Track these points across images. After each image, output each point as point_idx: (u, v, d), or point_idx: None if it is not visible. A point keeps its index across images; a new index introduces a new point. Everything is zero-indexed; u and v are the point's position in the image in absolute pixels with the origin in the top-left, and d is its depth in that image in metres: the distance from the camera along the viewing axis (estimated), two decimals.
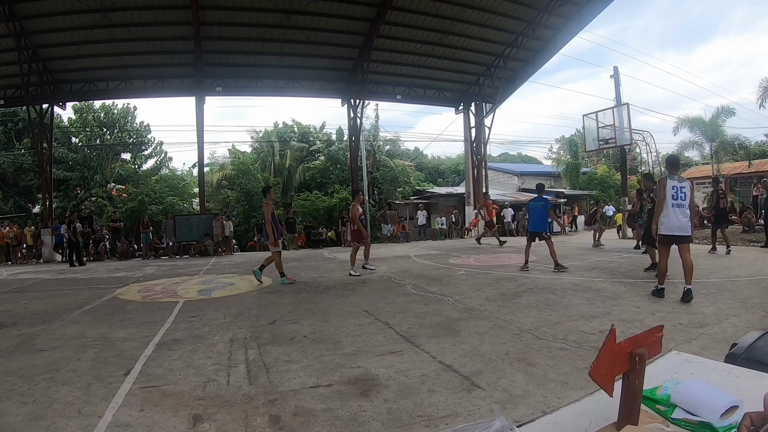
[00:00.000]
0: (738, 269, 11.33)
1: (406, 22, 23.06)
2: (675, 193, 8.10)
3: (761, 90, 32.96)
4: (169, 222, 23.02)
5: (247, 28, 21.50)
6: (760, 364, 2.28)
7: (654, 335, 1.47)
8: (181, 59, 22.77)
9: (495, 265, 13.41)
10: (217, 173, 39.48)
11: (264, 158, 41.62)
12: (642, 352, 1.32)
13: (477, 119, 29.99)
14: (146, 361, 5.34)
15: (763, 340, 2.52)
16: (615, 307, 7.44)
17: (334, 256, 18.58)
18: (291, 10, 20.66)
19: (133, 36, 20.58)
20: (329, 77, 26.45)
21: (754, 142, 43.54)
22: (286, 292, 9.86)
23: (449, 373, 4.66)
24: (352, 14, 22.03)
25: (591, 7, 23.91)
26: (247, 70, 24.68)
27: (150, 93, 24.75)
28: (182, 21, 20.38)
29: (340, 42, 23.75)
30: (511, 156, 68.33)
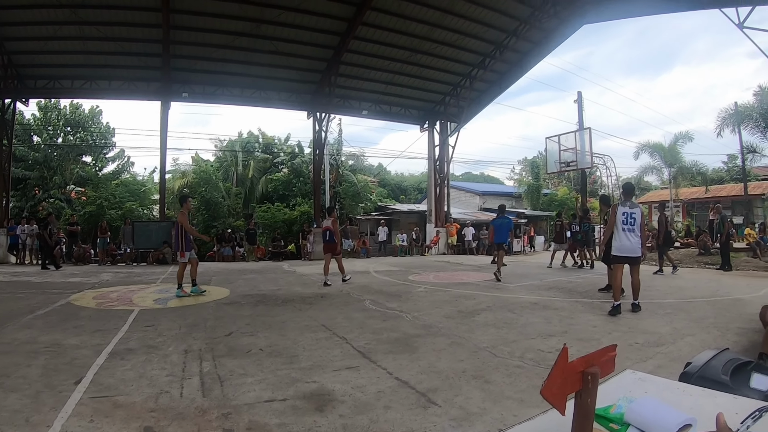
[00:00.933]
0: (694, 290, 11.68)
1: (376, 38, 23.20)
2: (625, 219, 8.82)
3: (719, 119, 33.94)
4: (127, 228, 22.51)
5: (216, 34, 21.30)
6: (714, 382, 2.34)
7: (607, 354, 1.49)
8: (149, 62, 22.41)
9: (454, 283, 13.49)
10: (179, 180, 38.83)
11: (227, 167, 41.23)
12: (594, 371, 1.34)
13: (441, 138, 30.18)
14: (98, 370, 5.20)
15: (717, 360, 2.58)
16: (572, 326, 7.56)
17: (294, 269, 18.43)
18: (262, 20, 20.56)
19: (102, 35, 20.17)
20: (296, 89, 26.36)
21: (711, 169, 44.77)
22: (243, 304, 9.73)
23: (406, 389, 4.65)
24: (323, 27, 22.04)
25: (558, 33, 24.44)
26: (214, 77, 24.43)
27: (115, 95, 24.24)
28: (152, 23, 20.06)
29: (309, 54, 23.71)
30: (473, 175, 68.90)
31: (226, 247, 25.29)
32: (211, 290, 11.72)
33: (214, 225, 32.53)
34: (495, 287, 12.34)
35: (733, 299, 10.30)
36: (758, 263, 18.77)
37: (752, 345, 6.15)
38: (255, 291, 11.76)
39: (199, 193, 34.67)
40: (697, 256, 20.44)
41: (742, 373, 2.50)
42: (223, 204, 35.21)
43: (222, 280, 14.07)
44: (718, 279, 14.53)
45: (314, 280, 14.11)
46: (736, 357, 2.65)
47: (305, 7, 20.30)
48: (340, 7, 21.02)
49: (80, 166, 36.71)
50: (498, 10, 22.42)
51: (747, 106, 32.52)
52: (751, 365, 2.61)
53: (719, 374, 2.44)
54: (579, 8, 22.30)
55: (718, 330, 7.26)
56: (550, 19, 22.96)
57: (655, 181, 48.51)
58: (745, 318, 7.89)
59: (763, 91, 31.54)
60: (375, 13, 21.38)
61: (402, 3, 20.86)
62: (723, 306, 9.38)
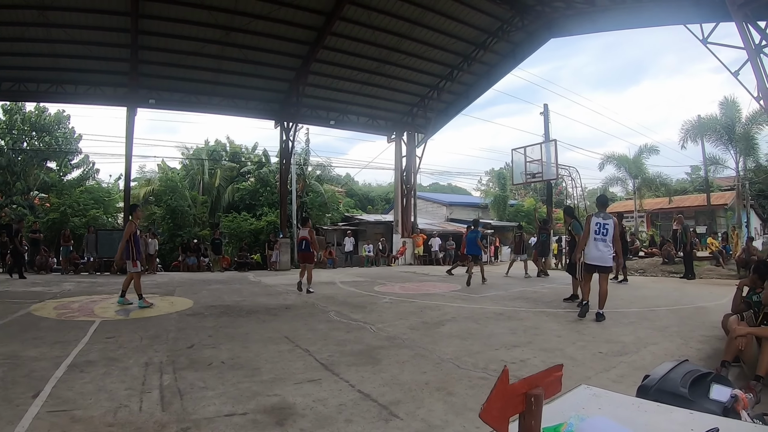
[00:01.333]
0: (657, 299, 11.89)
1: (345, 48, 23.22)
2: (597, 229, 9.19)
3: (683, 131, 34.74)
4: (90, 236, 22.00)
5: (185, 41, 21.07)
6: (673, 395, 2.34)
7: (552, 375, 1.48)
8: (117, 67, 22.04)
9: (420, 294, 13.50)
10: (144, 188, 38.27)
11: (193, 176, 40.77)
12: (538, 393, 1.32)
13: (408, 148, 30.32)
14: (57, 383, 5.08)
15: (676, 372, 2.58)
16: (536, 337, 7.60)
17: (259, 279, 18.28)
18: (231, 27, 20.41)
19: (70, 38, 19.71)
20: (264, 98, 26.25)
21: (675, 180, 45.70)
22: (207, 316, 9.59)
23: (368, 402, 4.62)
24: (292, 36, 21.99)
25: (526, 46, 24.80)
26: (182, 84, 24.18)
27: (81, 99, 23.73)
28: (121, 27, 19.74)
29: (278, 63, 23.62)
30: (441, 186, 69.25)
31: (191, 256, 24.98)
32: (175, 301, 11.58)
33: (179, 234, 32.05)
34: (460, 298, 12.41)
35: (696, 307, 10.52)
36: (721, 271, 19.19)
37: (715, 352, 6.27)
38: (219, 302, 11.61)
39: (165, 201, 34.21)
40: (661, 265, 20.82)
41: (701, 385, 2.51)
42: (189, 213, 34.78)
43: (186, 291, 13.87)
44: (682, 288, 14.83)
45: (279, 291, 14.04)
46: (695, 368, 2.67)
47: (275, 16, 20.26)
48: (310, 17, 21.01)
49: (44, 171, 35.93)
50: (467, 23, 22.65)
51: (710, 118, 33.36)
52: (711, 376, 2.63)
53: (678, 387, 2.44)
54: (546, 22, 22.66)
55: (682, 338, 7.38)
56: (518, 33, 23.27)
57: (620, 192, 49.39)
58: (707, 326, 8.06)
59: (727, 102, 32.34)
60: (344, 23, 21.46)
61: (372, 14, 20.92)
62: (686, 314, 9.57)
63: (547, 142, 25.59)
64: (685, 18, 15.27)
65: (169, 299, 12.10)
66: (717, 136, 32.91)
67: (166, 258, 29.48)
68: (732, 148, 32.88)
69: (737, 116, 31.94)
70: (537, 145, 25.60)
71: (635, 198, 39.86)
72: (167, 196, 34.31)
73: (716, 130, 32.66)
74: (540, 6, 21.48)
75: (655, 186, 40.75)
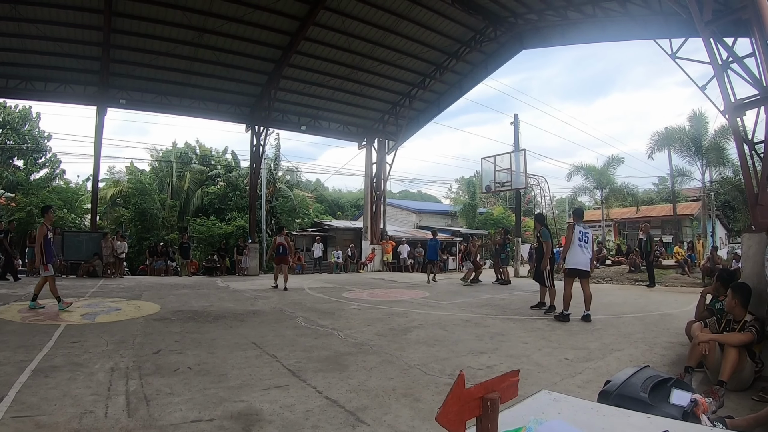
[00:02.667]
0: (623, 306, 12.11)
1: (318, 54, 23.17)
2: (581, 236, 10.02)
3: (651, 142, 35.50)
4: (56, 238, 21.67)
5: (158, 41, 20.82)
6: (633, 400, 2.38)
7: (508, 379, 1.50)
8: (87, 65, 21.63)
9: (388, 300, 13.55)
10: (112, 189, 37.72)
11: (162, 178, 40.36)
12: (494, 397, 1.34)
13: (379, 155, 30.36)
14: (21, 388, 4.99)
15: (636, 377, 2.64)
16: (503, 343, 7.66)
17: (228, 284, 18.16)
18: (204, 29, 20.25)
19: (41, 34, 19.32)
20: (236, 101, 26.04)
21: (642, 190, 46.46)
22: (173, 321, 9.47)
23: (334, 408, 4.63)
24: (266, 40, 21.88)
25: (497, 57, 25.07)
26: (153, 85, 23.89)
27: (51, 97, 23.13)
28: (93, 25, 19.38)
29: (250, 67, 23.50)
30: (411, 193, 69.49)
31: (158, 260, 24.70)
32: (142, 305, 11.43)
33: (147, 237, 31.69)
34: (428, 305, 12.45)
35: (662, 314, 10.72)
36: (686, 279, 19.56)
37: (679, 358, 6.37)
38: (186, 307, 11.48)
39: (134, 203, 33.81)
40: (627, 273, 21.13)
41: (662, 390, 2.57)
42: (158, 216, 34.41)
43: (153, 295, 13.67)
44: (647, 295, 15.10)
45: (247, 297, 13.94)
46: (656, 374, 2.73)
47: (249, 19, 20.15)
48: (284, 21, 20.94)
49: (10, 170, 35.30)
50: (440, 32, 22.77)
51: (676, 129, 34.08)
52: (671, 381, 2.69)
53: (638, 392, 2.50)
54: (518, 34, 22.92)
55: (646, 344, 7.51)
56: (491, 43, 23.48)
57: (588, 202, 50.03)
58: (672, 332, 8.20)
59: (696, 115, 33.07)
60: (318, 29, 21.42)
61: (346, 20, 20.94)
62: (651, 321, 9.76)
63: (517, 151, 25.81)
64: (654, 33, 15.55)
65: (135, 303, 11.93)
66: (684, 148, 33.64)
67: (133, 261, 29.16)
68: (698, 160, 33.59)
69: (704, 129, 32.68)
70: (507, 154, 25.81)
71: (603, 207, 40.48)
72: (135, 198, 33.91)
73: (683, 142, 33.36)
74: (513, 18, 21.69)
75: (622, 196, 41.46)
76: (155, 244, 26.79)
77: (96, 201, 24.54)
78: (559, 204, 55.88)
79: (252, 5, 19.53)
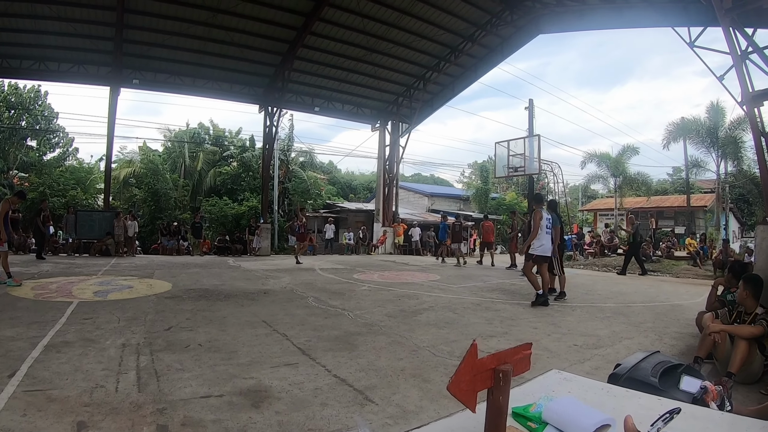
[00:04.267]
0: (634, 295, 12.04)
1: (332, 35, 23.08)
2: (547, 223, 10.16)
3: (667, 132, 35.17)
4: (70, 217, 21.68)
5: (171, 21, 20.77)
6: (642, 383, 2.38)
7: (521, 352, 1.49)
8: (100, 45, 21.62)
9: (398, 282, 13.53)
10: (125, 169, 37.88)
11: (175, 158, 40.45)
12: (506, 369, 1.33)
13: (392, 138, 30.28)
14: (33, 363, 5.04)
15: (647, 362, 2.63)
16: (512, 327, 7.66)
17: (239, 264, 18.23)
18: (218, 9, 20.16)
19: (54, 14, 19.36)
20: (249, 82, 26.04)
21: (657, 180, 46.15)
22: (185, 299, 9.53)
23: (343, 387, 4.65)
24: (280, 21, 21.79)
25: (514, 41, 24.77)
26: (167, 65, 23.92)
27: (65, 78, 23.29)
28: (106, 5, 19.41)
29: (263, 47, 23.45)
30: (423, 177, 69.18)
31: (171, 240, 24.84)
32: (154, 283, 11.51)
33: (160, 217, 31.76)
34: (438, 288, 12.45)
35: (672, 305, 10.64)
36: (698, 271, 19.49)
37: (688, 349, 6.36)
38: (197, 285, 11.55)
39: (146, 183, 33.93)
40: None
41: (672, 376, 2.56)
42: (171, 196, 34.51)
43: (164, 274, 13.77)
44: (659, 285, 15.02)
45: (258, 276, 13.99)
46: (667, 359, 2.72)
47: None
48: (298, 2, 20.84)
49: (24, 150, 35.47)
50: (456, 15, 22.58)
51: (692, 120, 33.74)
52: (682, 368, 2.68)
53: (648, 376, 2.49)
54: (535, 18, 22.62)
55: (656, 334, 7.48)
56: (507, 27, 23.24)
57: (601, 190, 49.76)
58: (682, 323, 8.16)
59: (714, 107, 32.71)
60: (333, 9, 21.28)
61: (361, 1, 20.81)
62: (662, 311, 9.69)
63: (531, 136, 25.66)
64: (673, 21, 15.33)
65: (147, 281, 12.02)
66: (700, 138, 33.35)
67: (145, 240, 29.32)
68: (714, 152, 33.30)
69: (722, 121, 32.35)
70: (521, 140, 25.66)
71: (616, 196, 40.26)
72: (148, 179, 34.01)
73: (699, 133, 33.07)
74: (530, 1, 21.46)
75: (636, 185, 41.20)
76: (168, 224, 26.91)
77: (109, 181, 24.62)
78: (572, 191, 55.63)
79: None
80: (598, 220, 45.70)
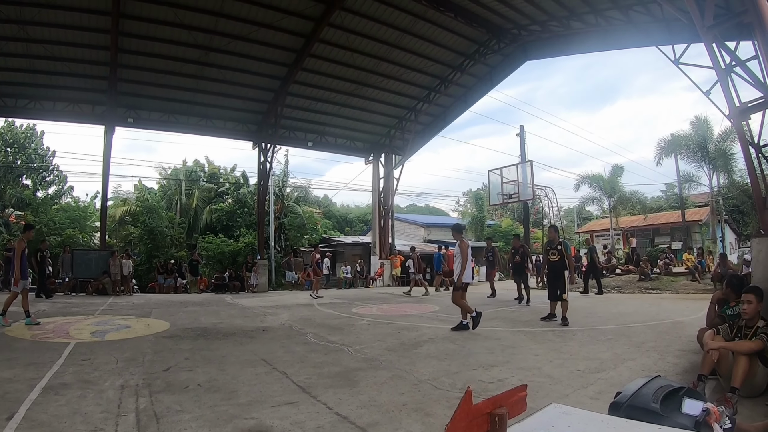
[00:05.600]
0: (635, 315, 12.05)
1: (323, 71, 23.31)
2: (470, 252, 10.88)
3: (658, 149, 35.43)
4: (66, 256, 21.72)
5: (164, 60, 21.03)
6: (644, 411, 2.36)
7: (516, 395, 1.50)
8: (95, 84, 21.83)
9: (397, 315, 13.47)
10: (121, 207, 37.95)
11: (171, 196, 40.48)
12: (502, 413, 1.34)
13: (386, 170, 30.41)
14: (31, 406, 4.99)
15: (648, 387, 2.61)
16: (514, 356, 7.62)
17: (237, 301, 18.16)
18: (210, 47, 20.44)
19: (49, 54, 19.58)
20: (242, 119, 26.23)
21: (651, 198, 46.35)
22: (183, 338, 9.47)
23: (345, 424, 4.60)
24: (271, 58, 22.06)
25: (502, 69, 25.11)
26: (161, 104, 24.09)
27: (59, 116, 23.43)
28: (100, 45, 19.61)
29: (256, 84, 23.67)
30: (418, 207, 69.27)
31: (168, 278, 24.76)
32: (151, 323, 11.45)
33: (156, 255, 31.63)
34: (438, 319, 12.44)
35: (673, 322, 10.68)
36: (697, 286, 19.46)
37: (692, 366, 6.34)
38: (196, 324, 11.49)
39: (142, 221, 33.85)
40: (638, 282, 21.06)
41: (674, 400, 2.54)
42: (167, 234, 34.43)
43: (162, 313, 13.71)
44: (659, 303, 15.06)
45: (257, 313, 13.92)
46: (667, 383, 2.70)
47: (254, 38, 20.31)
48: (289, 39, 21.08)
49: (20, 188, 35.38)
50: (444, 46, 22.88)
51: (683, 135, 34.01)
52: (683, 391, 2.66)
53: (649, 402, 2.47)
54: (522, 45, 22.98)
55: (658, 353, 7.47)
56: (495, 55, 23.57)
57: (596, 211, 49.96)
58: (684, 340, 8.15)
59: (699, 121, 33.00)
60: (323, 45, 21.57)
61: (350, 36, 21.11)
62: (663, 329, 9.71)
63: (524, 162, 25.86)
64: (657, 40, 15.54)
65: (145, 321, 11.95)
66: (690, 153, 33.57)
67: (142, 279, 29.17)
68: (705, 165, 33.49)
69: (709, 134, 32.57)
70: (513, 166, 25.88)
71: (611, 216, 40.40)
72: (144, 217, 33.95)
73: (690, 147, 33.29)
74: (516, 29, 21.74)
75: (630, 204, 41.40)
76: (165, 262, 26.84)
77: (105, 219, 24.62)
78: (567, 214, 55.76)
79: (257, 23, 19.69)
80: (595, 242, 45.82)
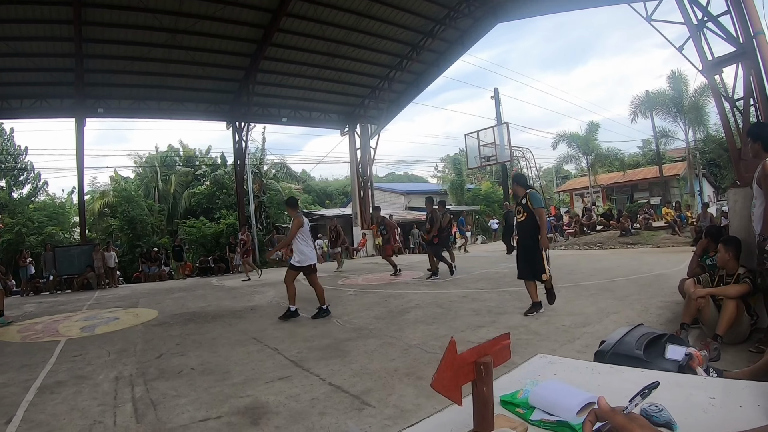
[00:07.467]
0: (617, 270, 12.21)
1: (293, 44, 23.03)
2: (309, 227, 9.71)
3: (633, 107, 35.59)
4: (48, 254, 21.46)
5: (131, 46, 20.54)
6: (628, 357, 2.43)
7: (500, 343, 1.53)
8: (62, 77, 21.39)
9: (383, 284, 13.58)
10: (99, 200, 37.54)
11: (148, 184, 40.17)
12: (486, 361, 1.37)
13: (362, 141, 30.33)
14: (28, 407, 4.99)
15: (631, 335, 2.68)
16: (500, 316, 7.74)
17: (223, 283, 18.17)
18: (177, 30, 20.05)
19: (12, 51, 19.07)
20: (214, 99, 25.99)
21: (628, 154, 46.61)
22: (172, 324, 9.48)
23: (339, 393, 4.68)
24: (239, 35, 21.75)
25: (473, 32, 24.86)
26: (130, 91, 23.69)
27: (28, 114, 22.88)
28: (64, 36, 19.17)
29: (226, 63, 23.37)
30: (398, 176, 69.17)
31: (152, 266, 24.65)
32: (139, 312, 11.45)
33: (138, 244, 31.40)
34: (424, 284, 12.56)
35: (656, 275, 10.82)
36: (678, 239, 19.71)
37: (675, 317, 6.45)
38: (184, 309, 11.51)
39: (121, 212, 33.55)
40: (619, 238, 21.27)
41: (657, 346, 2.61)
42: (147, 222, 34.15)
43: (149, 301, 13.71)
44: (640, 257, 15.25)
45: (243, 293, 13.98)
46: (650, 331, 2.77)
47: (221, 16, 19.95)
48: (256, 15, 20.79)
49: None
50: (414, 12, 22.64)
51: (659, 92, 34.21)
52: (666, 337, 2.74)
53: (633, 349, 2.54)
54: (492, 8, 22.78)
55: (642, 306, 7.60)
56: (465, 19, 23.35)
57: (574, 169, 50.22)
58: (667, 292, 8.26)
59: (675, 75, 33.15)
60: (291, 19, 21.24)
61: (318, 8, 20.76)
62: (646, 282, 9.86)
63: (500, 125, 25.88)
64: None
65: (133, 311, 11.94)
66: (666, 109, 33.80)
67: (126, 270, 28.99)
68: (681, 120, 33.76)
69: (685, 89, 32.78)
70: (489, 129, 25.84)
71: (589, 174, 40.68)
72: (123, 207, 33.61)
73: (665, 104, 33.50)
74: None
75: (609, 161, 41.66)
76: (148, 250, 26.70)
77: (83, 213, 24.41)
78: (546, 174, 55.97)
79: (222, 1, 19.36)
80: (575, 200, 46.13)
